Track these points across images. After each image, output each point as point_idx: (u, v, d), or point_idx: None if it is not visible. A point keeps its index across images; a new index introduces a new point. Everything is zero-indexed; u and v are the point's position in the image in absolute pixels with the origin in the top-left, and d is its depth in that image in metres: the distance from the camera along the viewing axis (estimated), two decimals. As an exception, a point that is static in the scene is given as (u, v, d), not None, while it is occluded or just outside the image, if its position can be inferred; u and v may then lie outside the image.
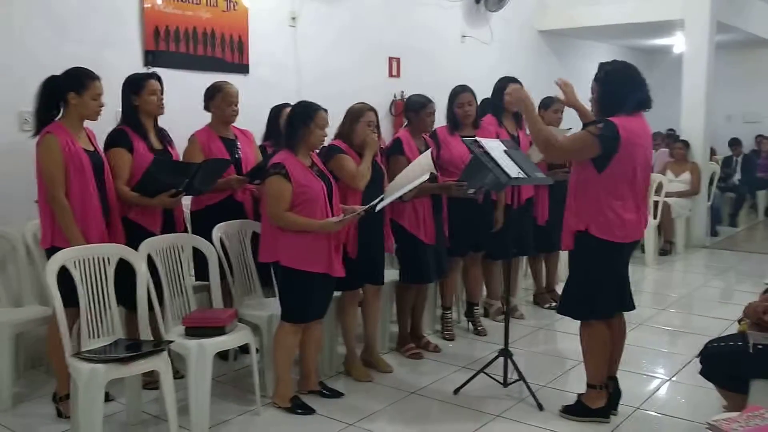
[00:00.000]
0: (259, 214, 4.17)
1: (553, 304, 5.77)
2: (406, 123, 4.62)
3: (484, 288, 5.45)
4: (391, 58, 6.96)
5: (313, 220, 3.58)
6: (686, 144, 8.31)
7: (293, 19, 5.98)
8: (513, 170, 3.70)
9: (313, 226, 3.58)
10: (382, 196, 3.94)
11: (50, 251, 3.49)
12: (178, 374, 3.86)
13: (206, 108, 4.32)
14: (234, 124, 4.40)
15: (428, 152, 4.18)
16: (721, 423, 2.36)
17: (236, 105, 4.30)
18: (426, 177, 4.03)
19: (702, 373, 3.18)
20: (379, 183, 4.12)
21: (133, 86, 3.88)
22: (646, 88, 3.47)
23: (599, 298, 3.48)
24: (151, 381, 3.85)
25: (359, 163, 4.01)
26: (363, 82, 6.43)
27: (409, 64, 7.11)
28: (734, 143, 10.82)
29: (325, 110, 3.77)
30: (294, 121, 3.71)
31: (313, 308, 3.76)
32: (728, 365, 3.07)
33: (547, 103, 5.50)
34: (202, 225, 4.05)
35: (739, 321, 3.60)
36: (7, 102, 4.25)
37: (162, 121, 4.06)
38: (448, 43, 7.66)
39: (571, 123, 4.93)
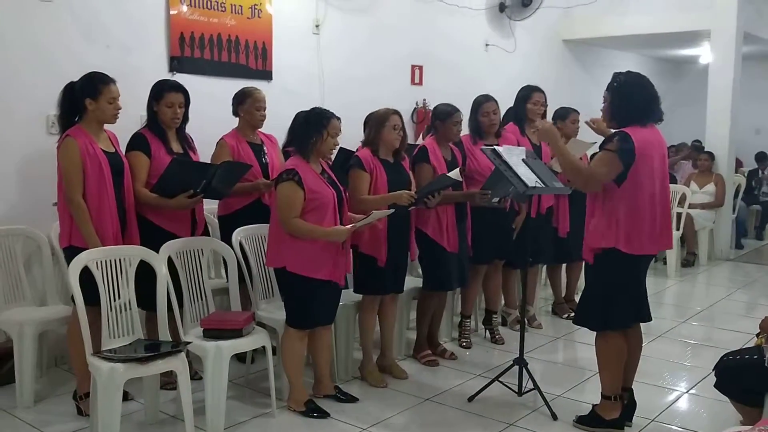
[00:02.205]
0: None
1: (572, 314, 5.73)
2: (432, 131, 4.64)
3: (502, 297, 5.45)
4: (413, 66, 6.99)
5: (322, 228, 3.61)
6: (711, 155, 8.24)
7: (317, 26, 6.04)
8: (531, 179, 3.71)
9: (321, 234, 3.60)
10: (392, 209, 3.96)
11: (68, 250, 3.59)
12: (196, 375, 3.94)
13: (235, 113, 4.41)
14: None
15: (456, 171, 4.20)
16: (733, 436, 2.35)
17: (264, 110, 4.39)
18: (446, 182, 4.07)
19: (717, 386, 3.16)
20: (406, 189, 4.13)
21: (155, 93, 3.96)
22: (658, 101, 3.47)
23: (616, 309, 3.48)
24: (169, 381, 3.92)
25: (379, 168, 4.03)
26: (386, 90, 6.46)
27: (431, 72, 7.13)
28: (762, 157, 10.66)
29: (338, 118, 3.80)
30: (308, 128, 3.74)
31: (317, 314, 3.78)
32: (743, 379, 3.06)
33: (563, 113, 5.49)
34: (231, 229, 4.11)
35: (757, 335, 3.59)
36: (36, 106, 4.35)
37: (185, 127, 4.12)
38: (471, 52, 7.67)
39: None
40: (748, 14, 8.16)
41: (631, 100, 3.39)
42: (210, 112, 4.60)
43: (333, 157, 4.05)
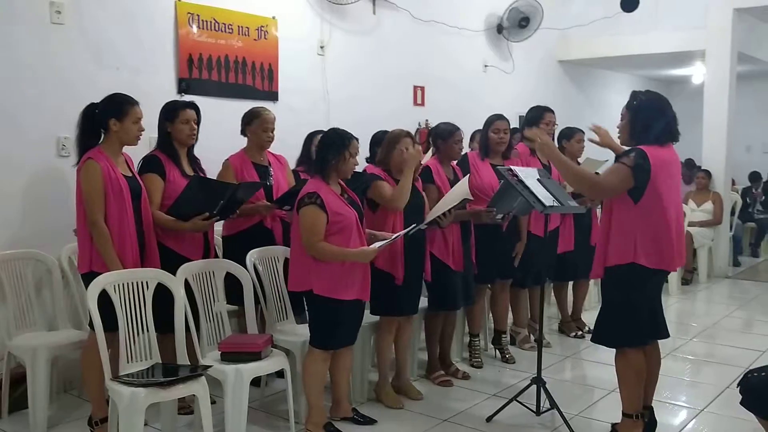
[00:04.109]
0: (289, 240, 4.20)
1: (579, 332, 5.75)
2: (433, 151, 4.66)
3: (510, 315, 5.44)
4: (416, 87, 7.04)
5: (349, 250, 3.57)
6: (708, 174, 8.32)
7: (321, 47, 6.08)
8: (548, 199, 3.73)
9: (349, 256, 3.57)
10: (414, 225, 3.94)
11: (87, 276, 3.52)
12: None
13: (243, 133, 4.39)
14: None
15: (465, 179, 4.22)
16: (771, 454, 2.34)
17: (272, 131, 4.36)
18: (460, 199, 4.08)
19: (743, 403, 3.15)
20: (420, 209, 4.15)
21: (168, 113, 3.95)
22: (675, 121, 3.51)
23: (634, 326, 3.48)
24: (183, 406, 3.87)
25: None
26: (389, 110, 6.51)
27: (433, 92, 7.18)
28: (756, 177, 10.79)
29: (357, 139, 3.80)
30: (328, 149, 3.69)
31: (342, 335, 3.75)
32: (770, 396, 3.05)
33: (568, 133, 5.51)
34: (233, 251, 4.09)
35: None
36: (46, 128, 4.33)
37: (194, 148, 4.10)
38: (471, 73, 7.75)
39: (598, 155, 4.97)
40: (742, 34, 8.27)
41: (651, 119, 3.42)
42: (217, 133, 4.60)
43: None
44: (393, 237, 3.74)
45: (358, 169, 4.16)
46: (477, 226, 4.61)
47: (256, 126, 4.34)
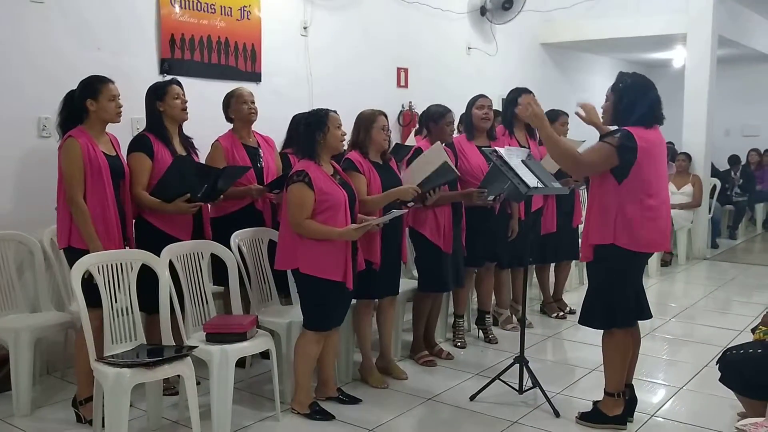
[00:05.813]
0: (277, 222, 4.21)
1: (560, 313, 5.81)
2: (425, 133, 4.66)
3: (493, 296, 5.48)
4: (399, 69, 7.02)
5: (334, 228, 3.59)
6: (688, 156, 8.41)
7: (305, 28, 6.04)
8: (532, 180, 3.75)
9: (333, 234, 3.60)
10: (399, 203, 3.95)
11: (67, 251, 3.54)
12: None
13: (227, 118, 4.38)
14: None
15: (438, 143, 4.22)
16: (749, 428, 2.40)
17: (252, 103, 4.35)
18: (441, 161, 4.07)
19: (722, 380, 3.22)
20: None
21: (158, 92, 3.92)
22: (659, 104, 3.53)
23: (622, 307, 3.52)
24: (168, 387, 3.88)
25: (371, 170, 4.03)
26: (372, 92, 6.49)
27: (417, 74, 7.18)
28: (735, 160, 10.92)
29: (335, 111, 3.80)
30: (310, 130, 3.72)
31: (334, 316, 3.78)
32: (748, 372, 3.12)
33: (552, 116, 5.53)
34: (222, 232, 4.07)
35: (753, 330, 3.67)
36: (26, 109, 4.28)
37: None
38: (454, 55, 7.74)
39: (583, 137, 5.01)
40: (723, 18, 8.34)
41: (637, 102, 3.43)
42: (200, 114, 4.51)
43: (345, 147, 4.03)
44: (377, 221, 3.76)
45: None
46: (467, 209, 4.62)
47: (234, 104, 4.34)
